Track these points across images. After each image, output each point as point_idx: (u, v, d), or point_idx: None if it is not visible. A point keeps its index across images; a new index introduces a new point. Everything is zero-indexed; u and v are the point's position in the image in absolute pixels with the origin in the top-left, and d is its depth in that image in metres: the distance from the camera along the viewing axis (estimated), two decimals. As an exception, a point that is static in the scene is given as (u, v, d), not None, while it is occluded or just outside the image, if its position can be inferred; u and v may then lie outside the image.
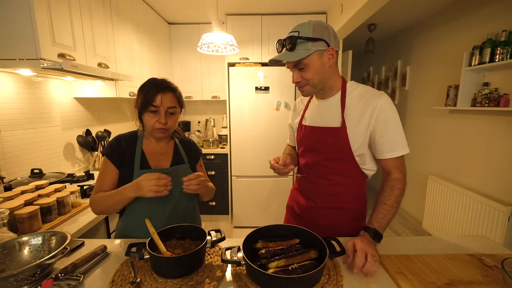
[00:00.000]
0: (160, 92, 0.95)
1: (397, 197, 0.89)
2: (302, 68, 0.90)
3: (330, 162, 0.99)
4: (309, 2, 2.52)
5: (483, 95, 2.04)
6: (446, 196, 2.43)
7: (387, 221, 0.86)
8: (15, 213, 0.99)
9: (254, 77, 2.71)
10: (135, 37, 2.21)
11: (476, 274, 0.74)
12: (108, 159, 1.00)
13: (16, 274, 0.66)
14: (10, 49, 1.19)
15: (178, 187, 1.04)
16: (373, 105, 0.90)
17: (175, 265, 0.73)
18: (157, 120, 0.97)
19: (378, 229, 0.84)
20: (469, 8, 2.28)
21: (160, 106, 0.96)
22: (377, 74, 4.01)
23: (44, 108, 1.68)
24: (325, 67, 0.91)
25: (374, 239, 0.82)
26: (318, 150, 1.01)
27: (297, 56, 0.88)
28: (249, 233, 0.83)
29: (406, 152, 0.92)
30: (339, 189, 1.01)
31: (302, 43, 0.87)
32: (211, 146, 3.07)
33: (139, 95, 0.98)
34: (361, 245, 0.76)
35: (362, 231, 0.86)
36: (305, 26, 0.88)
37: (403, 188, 0.90)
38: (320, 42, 0.87)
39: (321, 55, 0.89)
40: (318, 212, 1.05)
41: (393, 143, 0.90)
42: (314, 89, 0.95)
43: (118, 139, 1.04)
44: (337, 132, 0.94)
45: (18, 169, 1.50)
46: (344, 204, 1.02)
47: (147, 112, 0.97)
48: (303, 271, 0.69)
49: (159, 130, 0.99)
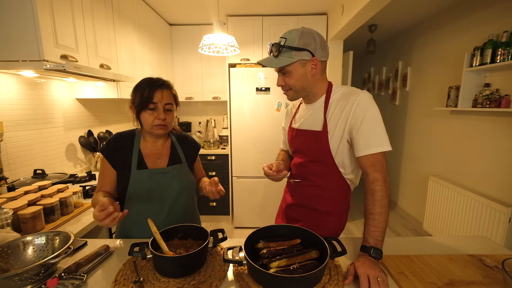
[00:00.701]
0: (157, 89, 0.98)
1: (380, 202, 0.82)
2: (285, 73, 0.94)
3: (312, 164, 1.02)
4: (309, 3, 2.53)
5: (484, 96, 2.04)
6: (447, 197, 2.43)
7: (381, 231, 0.80)
8: (19, 213, 0.99)
9: (255, 78, 2.72)
10: (136, 38, 2.22)
11: (476, 274, 0.74)
12: (105, 158, 1.01)
13: (21, 273, 0.67)
14: (13, 51, 1.20)
15: (176, 187, 1.05)
16: (351, 101, 0.90)
17: (178, 264, 0.74)
18: (156, 116, 0.98)
19: (376, 245, 0.79)
20: (470, 9, 2.28)
21: (158, 103, 0.98)
22: (378, 75, 4.01)
23: (46, 109, 1.69)
24: (307, 76, 0.93)
25: (375, 257, 0.77)
26: (303, 152, 1.05)
27: (279, 63, 0.92)
28: (250, 233, 0.83)
29: (383, 150, 0.86)
30: (319, 191, 1.02)
31: (287, 51, 0.90)
32: (211, 147, 3.08)
33: (136, 94, 0.99)
34: (362, 269, 0.72)
35: (361, 251, 0.81)
36: (293, 33, 0.90)
37: (384, 189, 0.83)
38: (304, 52, 0.89)
39: (304, 64, 0.91)
40: (298, 209, 1.10)
41: (368, 139, 0.86)
42: (297, 94, 0.99)
43: (115, 137, 1.05)
44: (318, 136, 0.96)
45: (21, 169, 1.51)
46: (322, 206, 1.03)
47: (146, 110, 0.98)
48: (304, 271, 0.70)
49: (159, 127, 1.00)
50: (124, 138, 1.05)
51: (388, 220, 0.82)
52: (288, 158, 1.20)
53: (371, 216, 0.82)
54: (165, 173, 1.04)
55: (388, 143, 0.87)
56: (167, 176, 1.04)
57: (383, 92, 3.86)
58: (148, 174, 1.01)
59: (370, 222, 0.82)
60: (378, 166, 0.86)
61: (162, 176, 1.03)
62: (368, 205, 0.84)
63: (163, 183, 1.03)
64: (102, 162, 1.03)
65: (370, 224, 0.82)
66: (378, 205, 0.82)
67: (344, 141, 0.93)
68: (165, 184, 1.03)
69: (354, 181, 1.03)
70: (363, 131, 0.87)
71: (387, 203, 0.83)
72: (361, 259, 0.76)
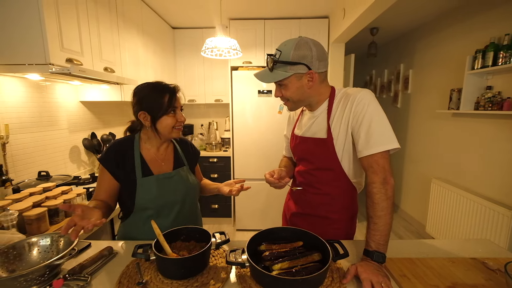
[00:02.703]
0: (175, 94, 1.01)
1: (379, 205, 0.80)
2: (281, 86, 0.93)
3: (319, 172, 1.00)
4: (311, 7, 2.55)
5: (486, 99, 2.04)
6: (449, 199, 2.42)
7: (382, 234, 0.78)
8: (24, 215, 1.01)
9: (257, 81, 2.70)
10: (140, 41, 2.25)
11: (479, 277, 0.74)
12: (104, 167, 0.98)
13: (26, 274, 0.67)
14: (20, 54, 1.23)
15: (182, 190, 1.06)
16: (350, 101, 0.89)
17: (181, 266, 0.75)
18: (177, 118, 1.01)
19: (378, 249, 0.77)
20: (472, 12, 2.29)
21: (178, 106, 1.02)
22: (380, 77, 4.02)
23: (51, 111, 1.71)
24: (303, 88, 0.91)
25: (378, 261, 0.76)
26: (308, 159, 1.03)
27: (274, 78, 0.91)
28: (252, 236, 0.84)
29: (381, 150, 0.82)
30: (327, 198, 1.01)
31: (281, 66, 0.89)
32: (213, 149, 3.09)
33: (151, 101, 0.97)
34: (365, 274, 0.70)
35: (363, 255, 0.80)
36: (288, 45, 0.88)
37: (382, 192, 0.80)
38: (300, 66, 0.87)
39: (300, 77, 0.90)
40: (304, 218, 1.07)
41: (367, 140, 0.84)
42: (295, 105, 0.98)
43: (114, 146, 1.01)
44: (323, 143, 0.95)
45: (25, 171, 1.53)
46: (331, 214, 1.01)
47: (167, 115, 0.98)
48: (306, 273, 0.70)
49: (178, 129, 1.03)
50: (123, 147, 1.02)
51: (391, 223, 0.80)
52: (291, 164, 1.19)
53: (371, 219, 0.82)
54: (171, 177, 1.04)
55: (389, 141, 0.83)
56: (173, 180, 1.04)
57: (384, 94, 3.86)
58: (155, 180, 1.00)
59: (371, 226, 0.81)
60: (375, 168, 0.83)
61: (168, 181, 1.03)
62: (367, 208, 0.84)
63: (170, 187, 1.03)
64: (100, 171, 0.99)
65: (371, 227, 0.81)
66: (377, 208, 0.80)
67: (348, 143, 0.92)
68: (172, 188, 1.03)
69: (361, 183, 1.01)
70: (361, 132, 0.85)
71: (387, 206, 0.80)
72: (364, 264, 0.75)
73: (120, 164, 0.99)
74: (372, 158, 0.84)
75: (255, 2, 2.42)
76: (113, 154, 0.99)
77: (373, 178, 0.83)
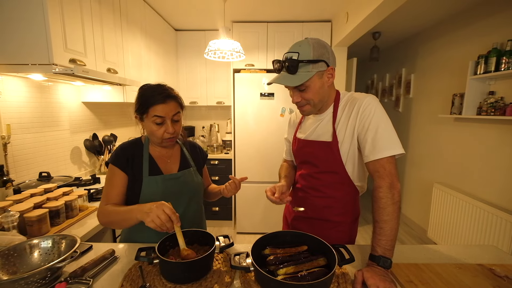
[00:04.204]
0: (163, 103, 0.93)
1: (385, 209, 0.80)
2: (303, 89, 0.90)
3: (323, 175, 1.00)
4: (314, 11, 2.55)
5: (488, 104, 2.04)
6: (451, 204, 2.40)
7: (388, 239, 0.78)
8: (25, 216, 0.99)
9: (259, 83, 2.74)
10: (143, 43, 2.25)
11: (487, 284, 0.73)
12: (114, 165, 0.96)
13: (27, 277, 0.66)
14: (23, 54, 1.22)
15: (188, 191, 1.05)
16: (356, 107, 0.89)
17: (185, 270, 0.73)
18: (165, 130, 0.96)
19: (384, 255, 0.76)
20: (474, 17, 2.29)
21: (166, 117, 0.94)
22: (381, 81, 4.02)
23: (53, 112, 1.70)
24: (324, 86, 0.92)
25: (384, 267, 0.75)
26: (312, 163, 1.02)
27: (300, 80, 0.87)
28: (257, 239, 0.83)
29: (388, 155, 0.83)
30: (331, 201, 1.00)
31: (304, 66, 0.87)
32: (215, 152, 3.08)
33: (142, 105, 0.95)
34: (372, 280, 0.70)
35: (369, 260, 0.79)
36: (304, 46, 0.87)
37: (389, 196, 0.81)
38: (320, 63, 0.87)
39: (321, 75, 0.89)
40: (306, 221, 1.07)
41: (373, 145, 0.84)
42: (314, 108, 0.96)
43: (122, 147, 1.01)
44: (329, 146, 0.95)
45: (26, 172, 1.52)
46: (334, 216, 1.01)
47: (152, 124, 0.95)
48: (312, 278, 0.69)
49: (168, 140, 0.99)
50: (132, 147, 1.02)
51: (397, 228, 0.80)
52: (291, 171, 1.18)
53: (377, 224, 0.81)
54: (177, 178, 1.03)
55: (395, 147, 0.84)
56: (179, 181, 1.03)
57: (386, 98, 3.86)
58: (161, 180, 1.00)
59: (377, 231, 0.81)
60: (381, 172, 0.83)
61: (174, 182, 1.02)
62: (373, 212, 0.84)
63: (175, 189, 1.02)
64: (110, 172, 0.97)
65: (377, 232, 0.80)
66: (383, 212, 0.80)
67: (353, 147, 0.92)
68: (177, 189, 1.02)
69: (363, 187, 1.02)
70: (368, 137, 0.86)
71: (393, 210, 0.80)
72: (370, 269, 0.74)
73: (129, 160, 0.98)
74: (378, 163, 0.84)
75: (258, 5, 2.42)
76: (121, 151, 0.99)
77: (379, 183, 0.83)
